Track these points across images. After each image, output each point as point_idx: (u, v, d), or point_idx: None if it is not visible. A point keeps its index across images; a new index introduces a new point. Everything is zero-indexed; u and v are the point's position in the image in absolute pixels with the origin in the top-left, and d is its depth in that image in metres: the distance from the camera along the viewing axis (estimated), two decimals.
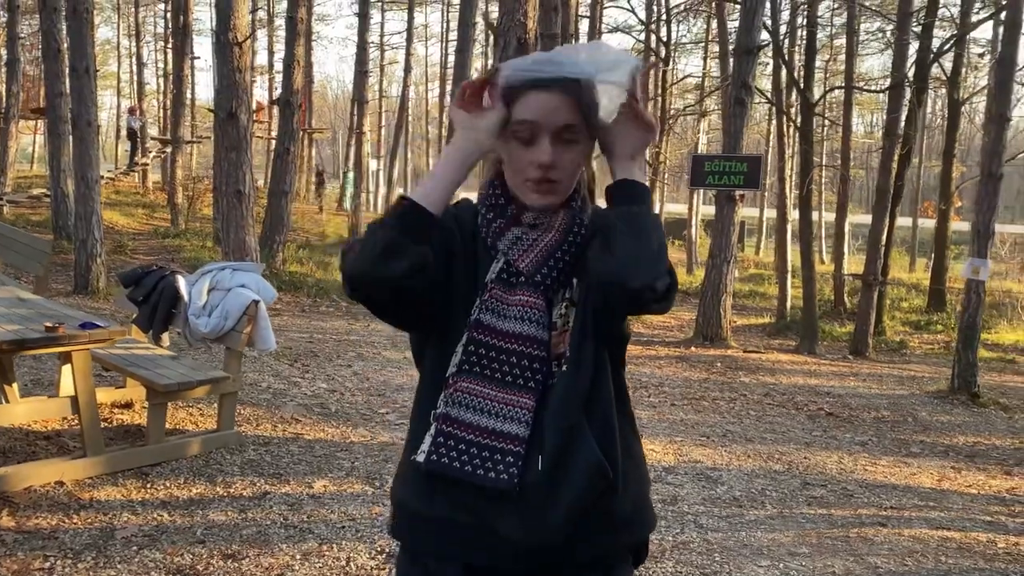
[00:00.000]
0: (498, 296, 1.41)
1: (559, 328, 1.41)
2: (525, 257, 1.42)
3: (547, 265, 1.41)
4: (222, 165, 7.29)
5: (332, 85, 61.24)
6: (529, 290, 1.41)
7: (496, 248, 1.45)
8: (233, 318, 4.79)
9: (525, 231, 1.44)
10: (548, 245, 1.42)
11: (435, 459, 1.38)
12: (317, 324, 10.04)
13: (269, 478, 4.50)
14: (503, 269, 1.43)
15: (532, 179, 1.40)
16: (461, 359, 1.40)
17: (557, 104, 1.36)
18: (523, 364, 1.38)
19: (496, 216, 1.46)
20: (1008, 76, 9.04)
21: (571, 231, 1.44)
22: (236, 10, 6.98)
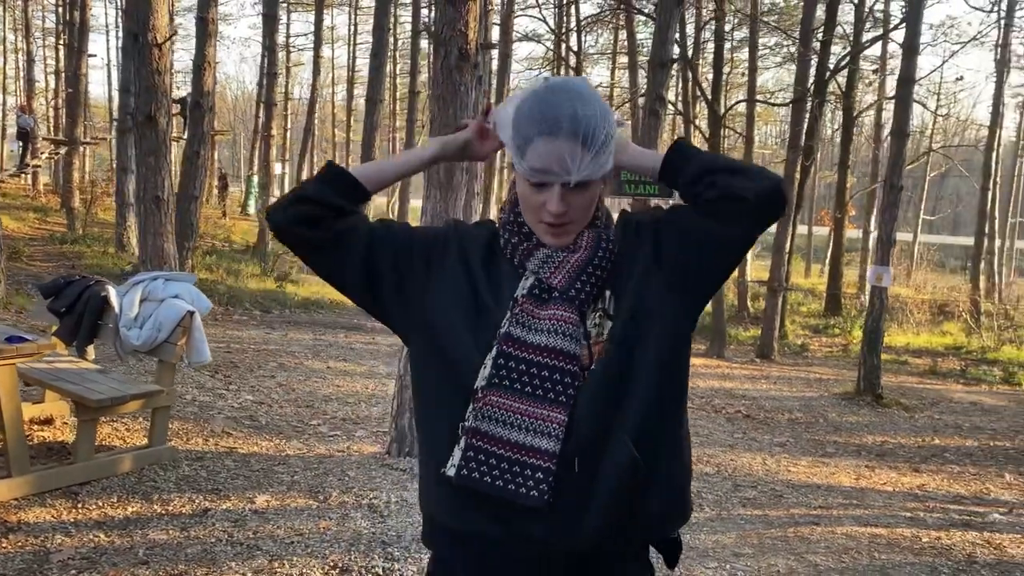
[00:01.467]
0: (529, 311, 1.41)
1: (593, 338, 1.42)
2: (557, 274, 1.43)
3: (580, 280, 1.43)
4: (140, 170, 7.02)
5: (232, 86, 59.65)
6: (563, 304, 1.42)
7: (524, 267, 1.46)
8: (167, 329, 4.63)
9: (551, 252, 1.45)
10: (579, 262, 1.44)
11: (465, 473, 1.37)
12: (233, 333, 9.78)
13: (208, 494, 4.36)
14: (535, 285, 1.44)
15: (545, 223, 1.43)
16: (491, 372, 1.38)
17: (566, 152, 1.36)
18: (555, 378, 1.37)
19: (521, 240, 1.48)
20: (907, 93, 9.55)
21: (599, 247, 1.46)
22: (156, 10, 6.74)
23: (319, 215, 1.46)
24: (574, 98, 1.39)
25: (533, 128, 1.38)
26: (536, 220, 1.44)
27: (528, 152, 1.38)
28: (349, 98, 34.02)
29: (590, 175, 1.38)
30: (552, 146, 1.36)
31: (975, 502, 5.76)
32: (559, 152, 1.36)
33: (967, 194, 43.67)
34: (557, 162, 1.36)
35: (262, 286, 13.57)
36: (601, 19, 23.58)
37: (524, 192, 1.43)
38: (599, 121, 1.39)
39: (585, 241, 1.46)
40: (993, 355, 14.42)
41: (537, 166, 1.38)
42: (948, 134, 38.79)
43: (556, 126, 1.36)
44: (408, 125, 20.75)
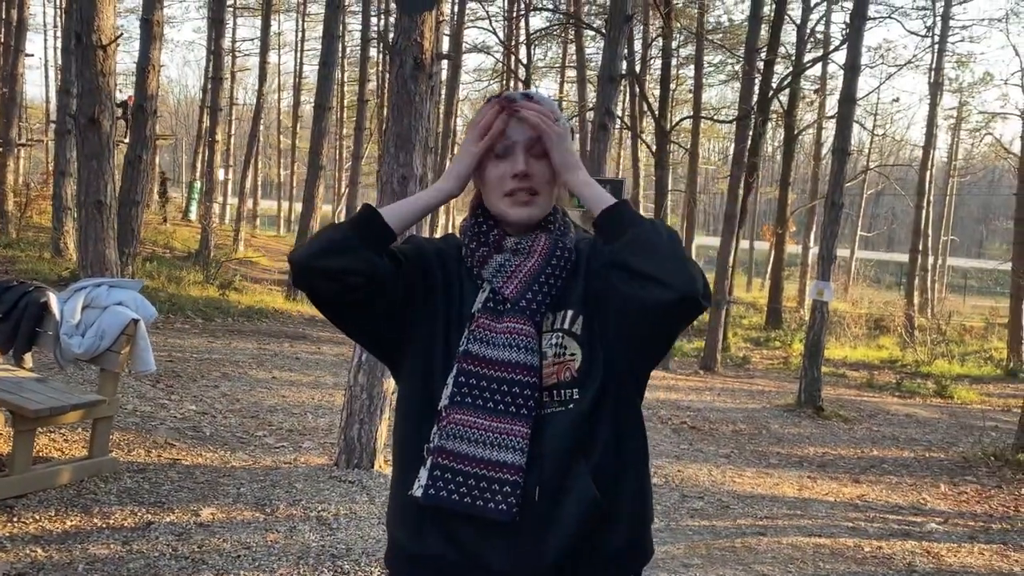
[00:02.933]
0: (486, 325, 1.42)
1: (551, 358, 1.41)
2: (510, 283, 1.44)
3: (532, 290, 1.43)
4: (81, 173, 6.83)
5: (175, 90, 58.61)
6: (516, 316, 1.42)
7: (481, 277, 1.47)
8: (110, 337, 4.51)
9: (508, 257, 1.46)
10: (532, 270, 1.44)
11: (433, 493, 1.37)
12: (174, 341, 9.57)
13: (151, 507, 4.26)
14: (489, 298, 1.45)
15: (510, 190, 1.45)
16: (452, 391, 1.39)
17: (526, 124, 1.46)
18: (514, 392, 1.38)
19: (479, 244, 1.49)
20: (848, 113, 9.81)
21: (554, 254, 1.46)
22: (101, 11, 6.59)
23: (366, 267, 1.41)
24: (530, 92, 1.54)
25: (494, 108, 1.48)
26: (501, 194, 1.46)
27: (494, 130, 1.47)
28: (296, 104, 33.69)
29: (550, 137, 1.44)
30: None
31: (913, 512, 5.91)
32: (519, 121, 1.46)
33: (902, 212, 45.00)
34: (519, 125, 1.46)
35: (204, 294, 13.31)
36: (550, 33, 23.77)
37: (489, 173, 1.47)
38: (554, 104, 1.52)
39: (540, 246, 1.47)
40: (927, 368, 14.83)
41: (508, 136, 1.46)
42: (884, 153, 39.93)
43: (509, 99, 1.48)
44: (356, 133, 20.61)
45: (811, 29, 19.65)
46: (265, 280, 17.33)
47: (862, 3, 9.83)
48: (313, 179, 15.42)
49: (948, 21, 24.19)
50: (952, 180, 31.99)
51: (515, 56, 23.15)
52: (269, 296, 14.80)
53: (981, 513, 6.09)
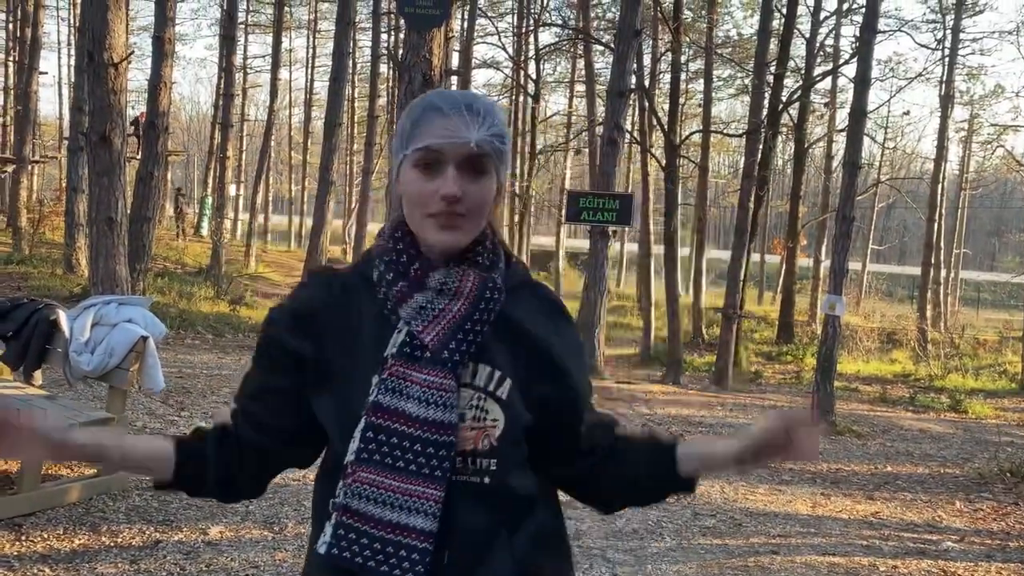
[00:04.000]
0: (400, 373, 1.25)
1: (469, 420, 1.26)
2: (431, 329, 1.26)
3: (455, 339, 1.26)
4: (93, 190, 6.87)
5: (187, 106, 59.06)
6: (436, 368, 1.25)
7: (397, 315, 1.28)
8: (119, 355, 4.51)
9: (431, 298, 1.28)
10: (457, 315, 1.27)
11: (336, 552, 1.26)
12: (184, 358, 9.58)
13: (159, 525, 4.24)
14: (406, 342, 1.26)
15: (434, 213, 1.25)
16: (360, 446, 1.24)
17: (461, 123, 1.24)
18: (428, 452, 1.23)
19: (397, 277, 1.29)
20: (859, 126, 9.78)
21: (483, 297, 1.29)
22: (113, 30, 6.64)
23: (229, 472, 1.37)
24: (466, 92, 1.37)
25: (423, 113, 1.27)
26: (424, 214, 1.26)
27: (418, 133, 1.26)
28: (306, 120, 33.87)
29: (488, 149, 1.25)
30: (445, 120, 1.25)
31: (928, 530, 5.83)
32: (453, 123, 1.24)
33: (913, 225, 44.83)
34: (451, 130, 1.24)
35: (215, 309, 13.35)
36: (559, 48, 23.85)
37: (411, 184, 1.27)
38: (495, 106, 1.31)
39: (469, 285, 1.29)
40: (940, 383, 14.71)
41: (429, 139, 1.25)
42: (895, 166, 39.82)
43: (449, 103, 1.26)
44: (366, 148, 20.71)
45: (820, 43, 19.67)
46: (276, 295, 17.35)
47: (872, 17, 9.81)
48: (324, 194, 15.47)
49: (958, 34, 24.17)
50: (964, 193, 31.87)
51: (524, 71, 23.23)
52: None
53: (998, 531, 6.00)
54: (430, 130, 1.24)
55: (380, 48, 21.32)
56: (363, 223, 19.78)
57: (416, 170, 1.26)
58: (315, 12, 32.92)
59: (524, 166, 24.48)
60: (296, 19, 34.17)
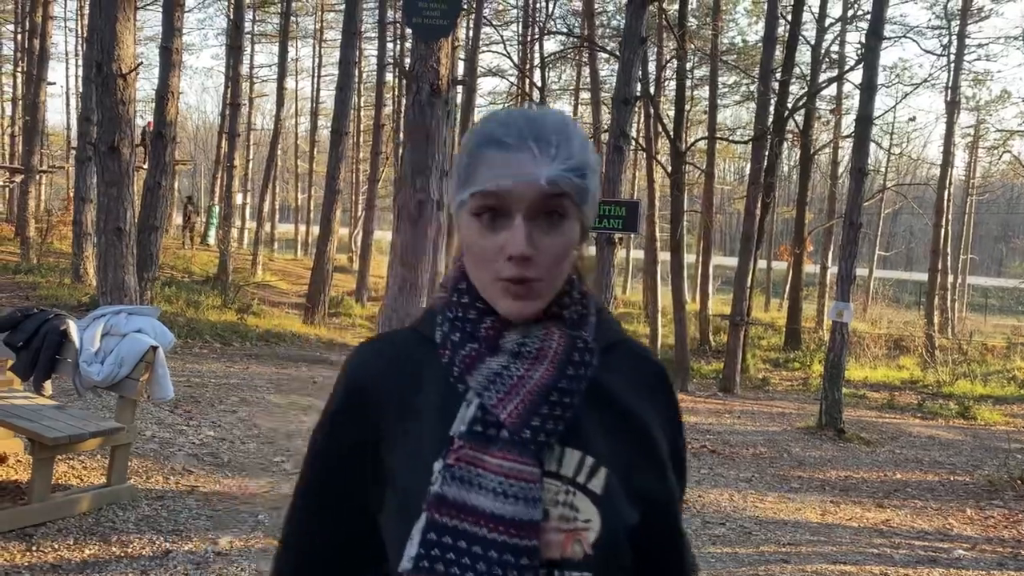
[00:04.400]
0: (469, 458, 0.99)
1: (555, 519, 0.99)
2: (507, 402, 1.01)
3: (539, 414, 1.00)
4: (101, 200, 6.90)
5: (194, 116, 59.28)
6: (514, 451, 0.99)
7: (466, 383, 1.04)
8: (129, 365, 4.53)
9: (506, 362, 1.03)
10: (540, 385, 1.01)
11: None
12: (192, 367, 9.60)
13: (169, 535, 4.24)
14: (477, 418, 1.01)
15: (504, 278, 1.00)
16: (419, 552, 0.98)
17: (527, 157, 0.99)
18: (505, 559, 0.96)
19: (464, 338, 1.06)
20: (865, 132, 9.77)
21: (571, 361, 1.03)
22: (121, 40, 6.67)
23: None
24: (530, 111, 1.05)
25: (479, 147, 1.01)
26: (492, 278, 1.02)
27: (475, 173, 1.01)
28: (313, 129, 33.99)
29: (565, 188, 0.99)
30: (507, 155, 0.99)
31: (939, 538, 5.81)
32: (517, 159, 0.99)
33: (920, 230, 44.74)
34: (515, 168, 0.98)
35: (223, 318, 13.37)
36: (565, 56, 23.88)
37: (474, 241, 1.02)
38: (570, 124, 1.04)
39: (553, 346, 1.04)
40: (948, 389, 14.65)
41: (488, 181, 0.99)
42: (901, 172, 39.77)
43: (511, 132, 1.00)
44: (372, 157, 20.76)
45: (826, 49, 19.66)
46: (283, 304, 17.39)
47: (877, 23, 9.81)
48: (330, 203, 15.51)
49: (964, 40, 24.12)
50: (970, 198, 31.79)
51: (529, 79, 23.28)
52: (287, 320, 14.85)
53: (1009, 538, 5.98)
54: (489, 169, 0.99)
55: (386, 57, 21.39)
56: (369, 231, 19.82)
57: (476, 220, 1.02)
58: (321, 22, 33.05)
59: None
60: (302, 29, 34.33)
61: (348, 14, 15.10)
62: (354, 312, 17.55)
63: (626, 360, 1.12)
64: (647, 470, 1.06)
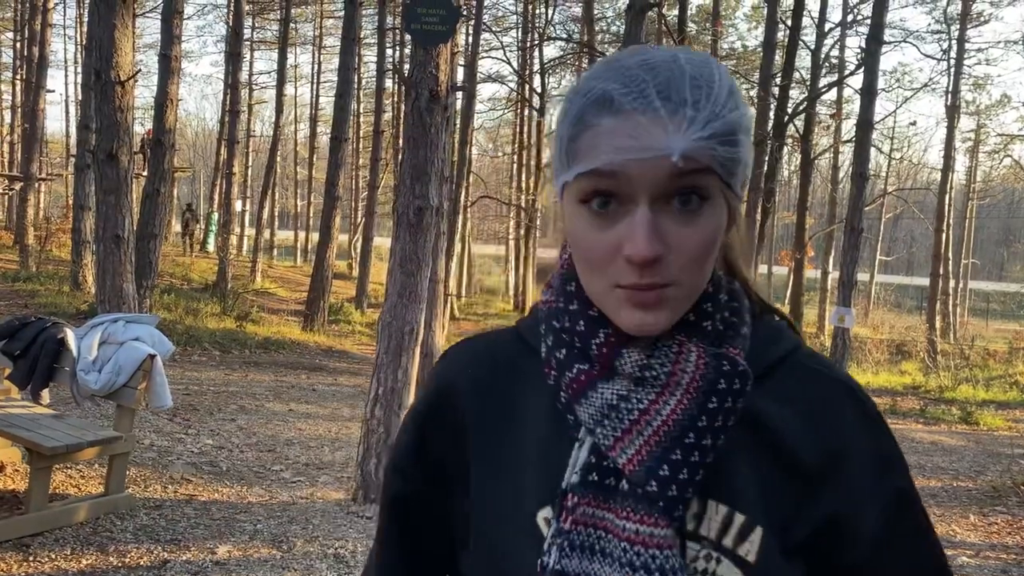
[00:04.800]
0: (587, 518, 0.76)
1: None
2: (627, 444, 0.75)
3: (669, 461, 0.74)
4: (100, 208, 6.88)
5: (193, 123, 59.35)
6: (641, 509, 0.75)
7: (574, 416, 0.79)
8: (126, 373, 4.50)
9: (624, 391, 0.77)
10: (671, 423, 0.75)
11: None
12: (191, 375, 9.58)
13: (167, 544, 4.21)
14: (590, 464, 0.77)
15: (624, 285, 0.74)
16: None
17: (650, 120, 0.70)
18: None
19: (572, 356, 0.80)
20: (866, 137, 9.76)
21: (713, 389, 0.76)
22: (120, 48, 6.66)
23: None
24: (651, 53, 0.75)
25: (588, 109, 0.73)
26: (607, 285, 0.75)
27: (581, 146, 0.74)
28: (312, 136, 34.00)
29: (707, 162, 0.71)
30: (624, 120, 0.71)
31: (943, 544, 5.76)
32: (638, 125, 0.70)
33: (921, 235, 44.73)
34: (636, 139, 0.70)
35: (221, 325, 13.35)
36: (564, 62, 23.90)
37: (581, 236, 0.76)
38: (712, 68, 0.74)
39: (690, 369, 0.77)
40: (951, 394, 14.61)
41: (599, 156, 0.72)
42: (902, 177, 39.78)
43: (631, 88, 0.71)
44: (372, 163, 20.75)
45: (826, 54, 19.67)
46: (282, 311, 17.37)
47: (877, 28, 9.80)
48: (330, 209, 15.50)
49: (964, 44, 24.15)
50: (971, 203, 31.79)
51: (529, 85, 23.28)
52: (286, 327, 14.82)
53: (1013, 545, 5.93)
54: (600, 139, 0.72)
55: (385, 63, 21.41)
56: (369, 237, 19.79)
57: (584, 208, 0.75)
58: (320, 28, 33.10)
59: (531, 180, 24.49)
60: (302, 35, 34.37)
61: (347, 20, 15.11)
62: (354, 319, 17.52)
63: (792, 379, 0.83)
64: (829, 536, 0.80)
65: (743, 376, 0.77)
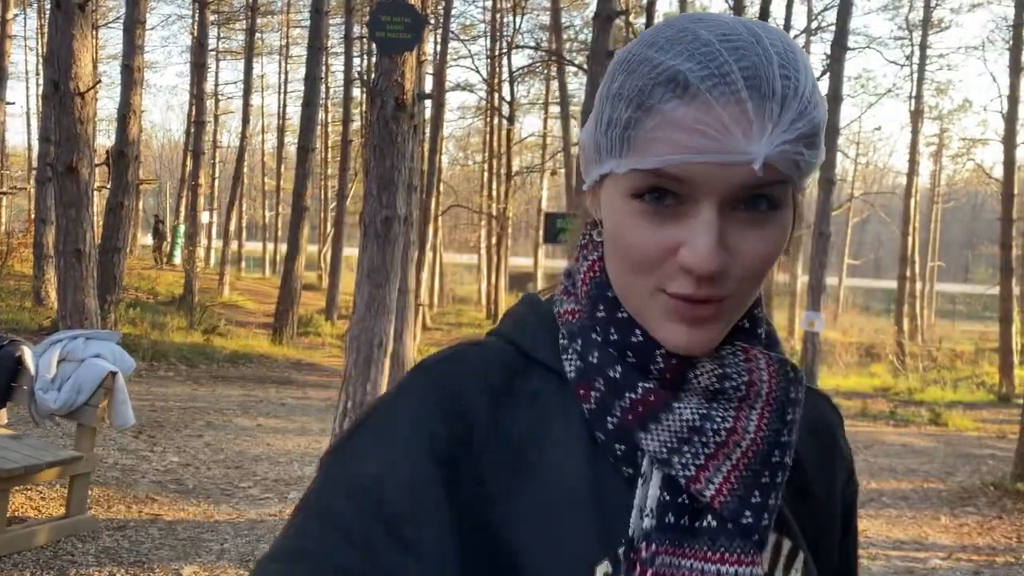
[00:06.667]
0: (666, 570, 0.64)
1: None
2: (713, 472, 0.64)
3: (760, 485, 0.65)
4: (60, 222, 6.73)
5: (159, 134, 58.74)
6: (734, 546, 0.64)
7: (632, 444, 0.66)
8: (87, 391, 4.38)
9: (704, 409, 0.66)
10: (761, 439, 0.66)
11: None
12: (158, 390, 9.41)
13: (130, 566, 4.09)
14: (665, 503, 0.65)
15: (674, 294, 0.63)
16: None
17: (740, 133, 0.58)
18: None
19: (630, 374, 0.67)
20: (832, 143, 9.84)
21: (788, 398, 0.68)
22: (78, 58, 6.53)
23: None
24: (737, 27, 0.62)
25: (655, 89, 0.60)
26: (652, 288, 0.64)
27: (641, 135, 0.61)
28: (279, 146, 33.74)
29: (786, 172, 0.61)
30: (701, 111, 0.58)
31: (915, 547, 5.79)
32: (717, 119, 0.58)
33: (888, 239, 45.31)
34: (713, 136, 0.58)
35: (188, 339, 13.15)
36: (533, 70, 23.93)
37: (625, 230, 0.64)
38: (795, 50, 0.62)
39: (765, 377, 0.67)
40: (919, 396, 14.77)
41: (663, 152, 0.60)
42: (868, 181, 40.28)
43: (712, 70, 0.59)
44: (340, 173, 20.63)
45: None
46: (251, 324, 17.17)
47: (842, 34, 9.90)
48: (297, 220, 15.35)
49: (926, 50, 24.52)
50: (936, 206, 32.25)
51: (498, 93, 23.28)
52: (254, 340, 14.64)
53: (984, 546, 5.97)
54: (666, 131, 0.60)
55: (353, 72, 21.30)
56: (338, 248, 19.64)
57: (636, 204, 0.63)
58: (287, 38, 32.92)
59: (500, 188, 24.47)
60: (268, 45, 34.12)
61: (313, 30, 15.01)
62: (324, 331, 17.36)
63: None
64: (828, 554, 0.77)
65: (803, 384, 0.70)
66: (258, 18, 26.23)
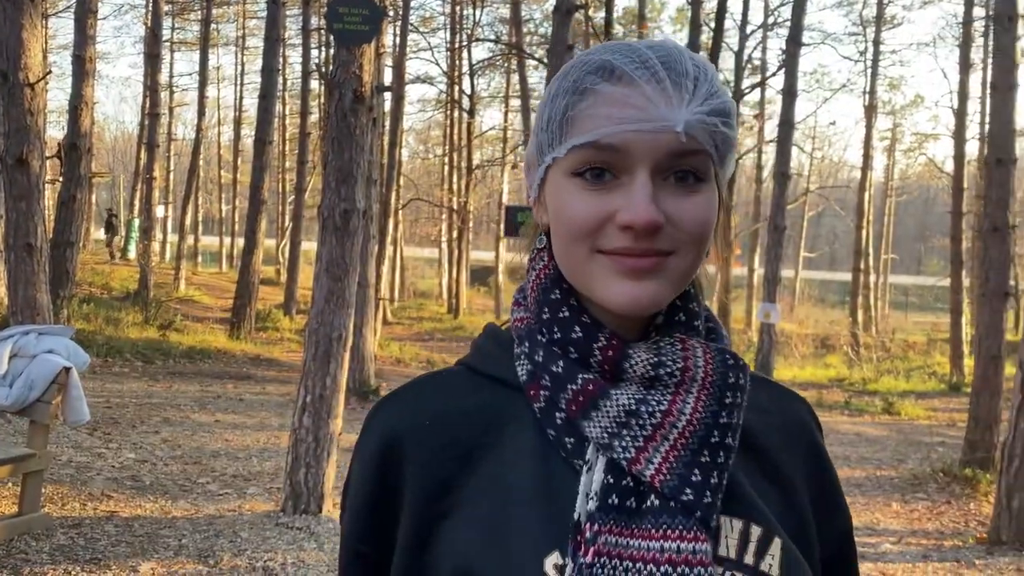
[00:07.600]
0: (611, 548, 0.66)
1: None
2: (652, 453, 0.69)
3: (700, 464, 0.69)
4: (9, 216, 6.60)
5: (112, 126, 57.66)
6: (676, 523, 0.67)
7: (578, 433, 0.71)
8: (39, 388, 4.31)
9: (640, 394, 0.71)
10: (695, 422, 0.70)
11: None
12: (113, 387, 9.27)
13: (86, 564, 4.04)
14: (609, 484, 0.68)
15: (611, 250, 0.69)
16: None
17: (656, 91, 0.68)
18: None
19: (572, 367, 0.73)
20: (787, 136, 9.98)
21: (727, 383, 0.73)
22: (28, 48, 6.39)
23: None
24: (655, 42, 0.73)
25: (588, 77, 0.70)
26: (588, 251, 0.70)
27: (577, 117, 0.70)
28: (236, 139, 33.30)
29: (706, 140, 0.69)
30: (628, 90, 0.68)
31: (867, 533, 5.92)
32: (641, 95, 0.68)
33: (842, 232, 46.07)
34: (639, 108, 0.68)
35: (144, 335, 12.95)
36: (493, 63, 23.91)
37: (569, 204, 0.71)
38: (708, 63, 0.74)
39: (701, 363, 0.73)
40: (873, 386, 15.06)
41: (599, 127, 0.69)
42: (823, 175, 40.93)
43: (633, 60, 0.69)
44: (298, 167, 20.42)
45: (748, 56, 20.09)
46: (208, 319, 16.94)
47: (797, 29, 10.04)
48: (255, 214, 15.18)
49: (879, 46, 24.94)
50: (890, 200, 32.85)
51: (459, 86, 23.22)
52: (212, 335, 14.46)
53: (933, 530, 6.13)
54: (601, 110, 0.68)
55: (311, 64, 21.10)
56: (297, 242, 19.45)
57: (577, 181, 0.70)
58: (243, 29, 32.44)
59: (461, 182, 24.44)
60: (224, 36, 33.64)
61: (270, 20, 14.82)
62: (282, 326, 17.20)
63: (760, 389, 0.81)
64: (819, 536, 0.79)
65: (745, 370, 0.75)
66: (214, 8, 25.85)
